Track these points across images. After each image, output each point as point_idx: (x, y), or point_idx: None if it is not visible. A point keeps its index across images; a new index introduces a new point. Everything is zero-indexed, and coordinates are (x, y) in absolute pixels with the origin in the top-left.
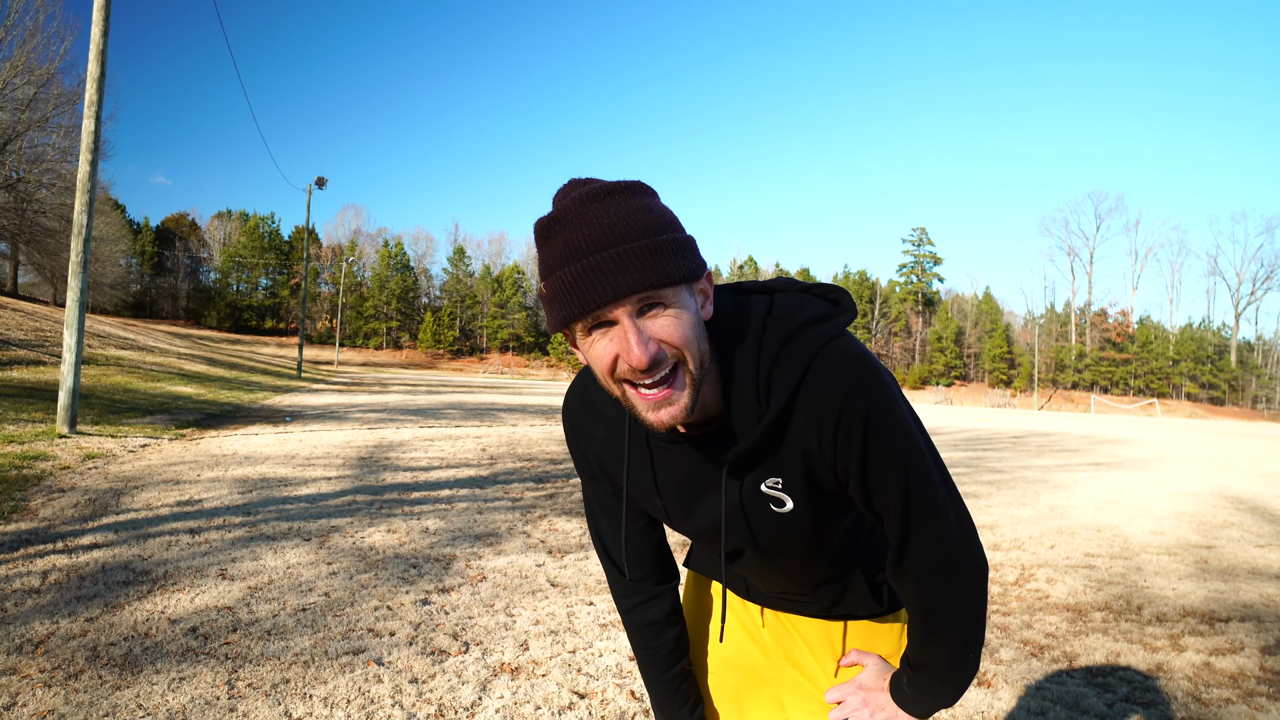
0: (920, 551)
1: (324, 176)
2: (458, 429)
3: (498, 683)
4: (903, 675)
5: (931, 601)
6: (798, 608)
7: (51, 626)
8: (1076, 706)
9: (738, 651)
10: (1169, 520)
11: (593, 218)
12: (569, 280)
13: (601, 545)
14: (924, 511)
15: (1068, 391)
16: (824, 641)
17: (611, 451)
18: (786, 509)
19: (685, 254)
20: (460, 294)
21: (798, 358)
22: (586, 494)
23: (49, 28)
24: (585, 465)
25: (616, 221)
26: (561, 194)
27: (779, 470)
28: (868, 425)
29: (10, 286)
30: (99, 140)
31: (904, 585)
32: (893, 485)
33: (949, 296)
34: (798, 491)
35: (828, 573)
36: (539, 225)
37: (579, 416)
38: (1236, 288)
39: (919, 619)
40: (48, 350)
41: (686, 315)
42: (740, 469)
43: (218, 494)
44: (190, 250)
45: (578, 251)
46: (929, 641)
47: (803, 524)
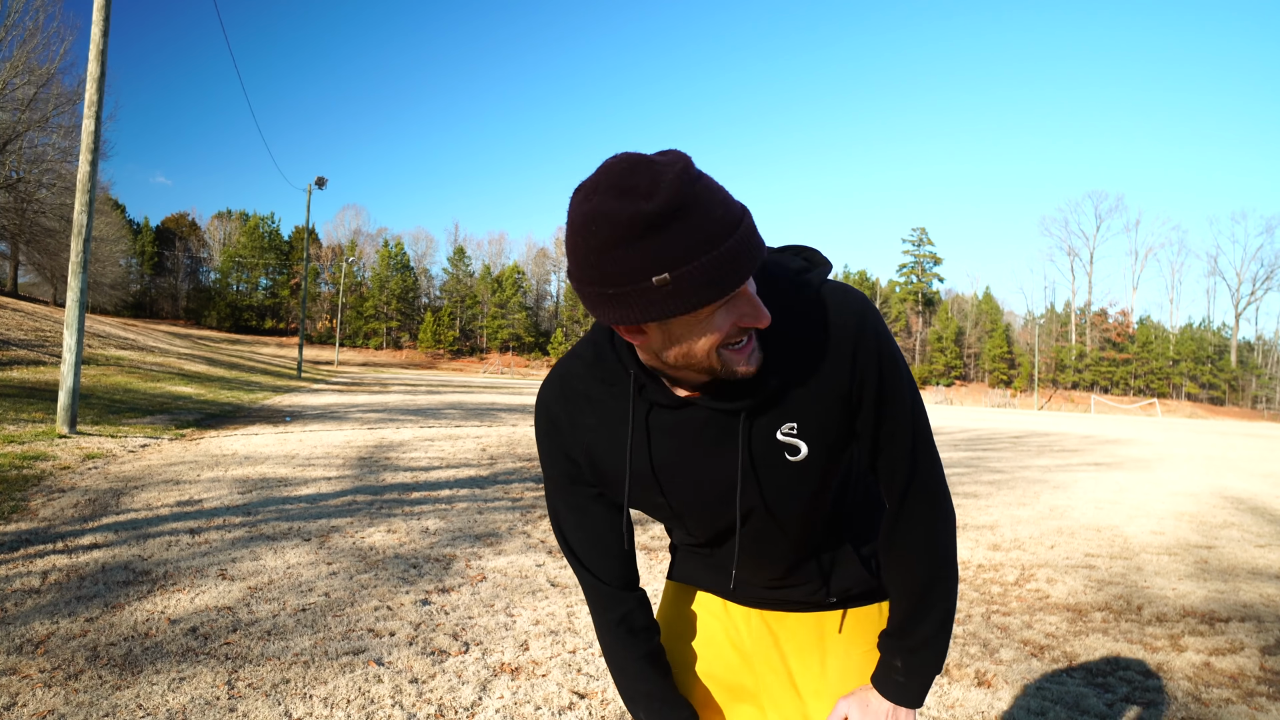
0: (924, 482)
1: (324, 176)
2: (458, 429)
3: (498, 683)
4: (892, 662)
5: (932, 539)
6: (788, 594)
7: (51, 626)
8: (1076, 706)
9: (720, 663)
10: (1169, 520)
11: (706, 197)
12: (719, 263)
13: (575, 554)
14: (926, 439)
15: (1068, 391)
16: (811, 637)
17: (602, 438)
18: (800, 456)
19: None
20: (460, 294)
21: (799, 304)
22: (557, 502)
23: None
24: (565, 465)
25: (725, 198)
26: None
27: (794, 414)
28: (880, 349)
29: (10, 286)
30: (99, 140)
31: (906, 522)
32: (901, 411)
33: (949, 296)
34: (812, 435)
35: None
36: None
37: (561, 409)
38: (1236, 288)
39: (914, 570)
40: (48, 350)
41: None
42: (754, 415)
43: (218, 494)
44: (190, 250)
45: (718, 235)
46: (924, 595)
47: (813, 472)
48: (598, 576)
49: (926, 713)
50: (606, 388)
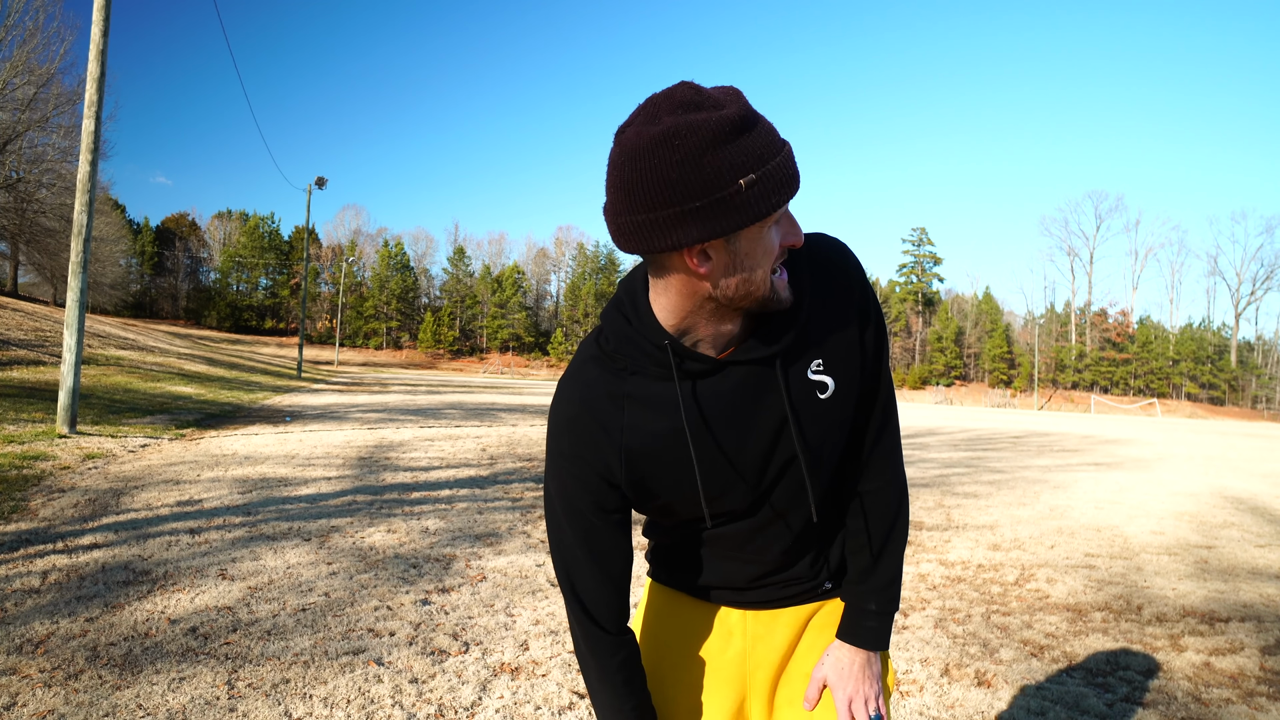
0: (893, 412)
1: (324, 176)
2: (458, 429)
3: (498, 683)
4: (865, 606)
5: (898, 474)
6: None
7: (51, 626)
8: (1076, 706)
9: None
10: (1169, 520)
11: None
12: (788, 163)
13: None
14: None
15: (1068, 391)
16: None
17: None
18: (829, 393)
19: None
20: (460, 294)
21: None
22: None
23: (49, 28)
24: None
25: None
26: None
27: (819, 351)
28: (866, 280)
29: (10, 286)
30: (99, 140)
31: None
32: (885, 337)
33: (949, 296)
34: (836, 369)
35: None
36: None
37: (590, 421)
38: (1236, 288)
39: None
40: (48, 350)
41: None
42: (790, 358)
43: (218, 494)
44: (190, 250)
45: (779, 140)
46: (892, 528)
47: (841, 409)
48: (598, 622)
49: (927, 713)
50: (630, 378)
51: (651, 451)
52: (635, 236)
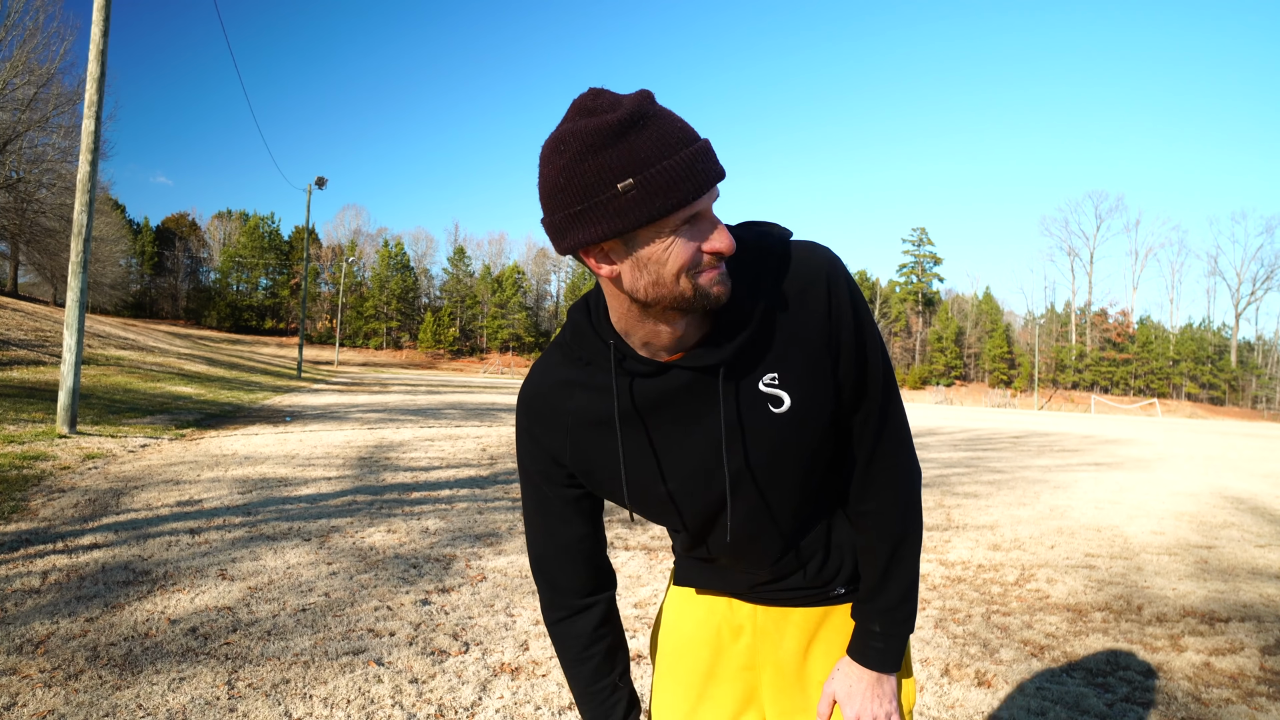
0: (895, 433)
1: (324, 176)
2: (458, 429)
3: (498, 683)
4: (870, 627)
5: (905, 490)
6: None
7: (51, 626)
8: (1076, 706)
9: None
10: (1169, 520)
11: (666, 112)
12: (680, 166)
13: (539, 554)
14: (895, 387)
15: (1068, 391)
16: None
17: (587, 420)
18: (784, 407)
19: None
20: (460, 294)
21: (773, 255)
22: (533, 500)
23: (49, 28)
24: (543, 463)
25: (685, 122)
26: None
27: (774, 365)
28: (852, 294)
29: (10, 286)
30: (99, 140)
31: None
32: (875, 356)
33: (949, 296)
34: (794, 384)
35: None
36: (611, 123)
37: (542, 402)
38: (1236, 288)
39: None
40: (48, 350)
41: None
42: (735, 370)
43: (218, 494)
44: (190, 250)
45: (681, 140)
46: (898, 548)
47: (798, 424)
48: (551, 581)
49: (927, 713)
50: (584, 368)
51: (591, 439)
52: (549, 238)
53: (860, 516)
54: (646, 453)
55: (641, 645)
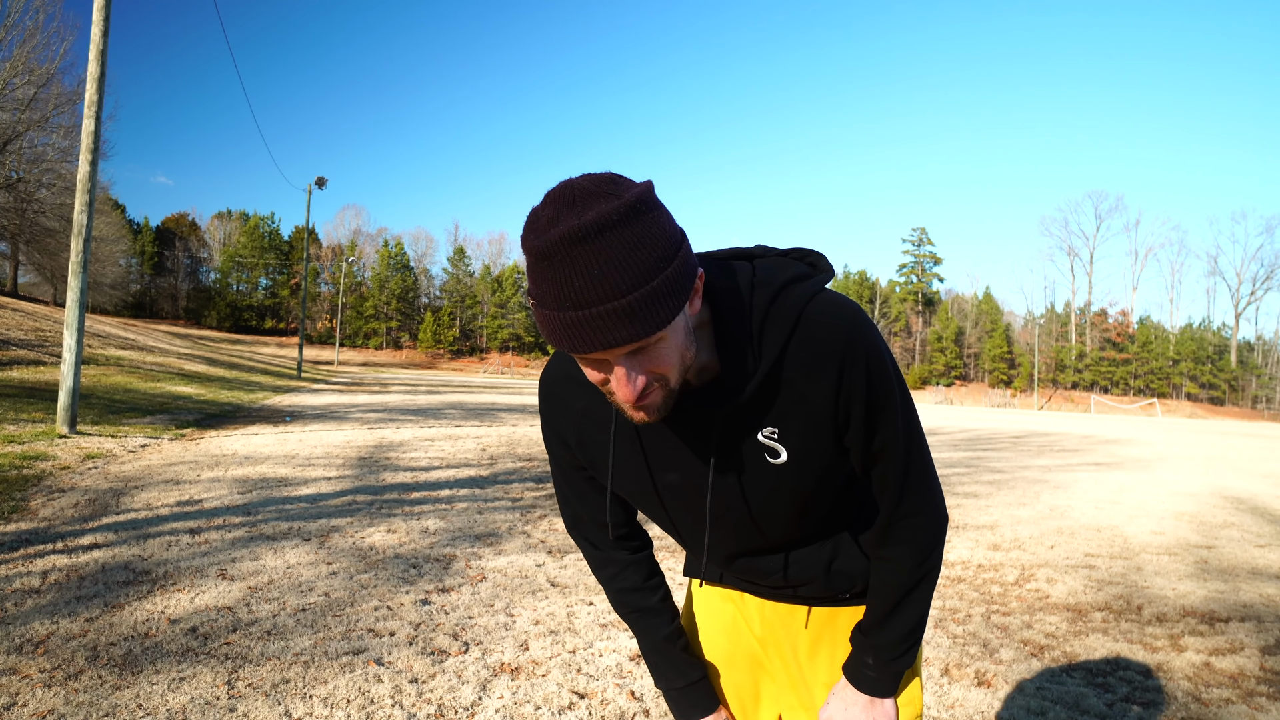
0: (916, 495)
1: (324, 176)
2: (458, 429)
3: (498, 683)
4: (864, 658)
5: (921, 549)
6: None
7: (51, 626)
8: (1076, 706)
9: (738, 649)
10: (1169, 520)
11: (581, 264)
12: (559, 326)
13: (574, 521)
14: (919, 451)
15: (1068, 391)
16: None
17: (591, 422)
18: (781, 460)
19: (677, 289)
20: (460, 294)
21: (786, 313)
22: (557, 476)
23: (49, 28)
24: (557, 445)
25: (608, 271)
26: (549, 214)
27: (775, 420)
28: (869, 366)
29: (10, 286)
30: (99, 140)
31: (897, 528)
32: (891, 424)
33: (949, 296)
34: (793, 441)
35: (810, 533)
36: (525, 247)
37: (557, 388)
38: (1236, 288)
39: (899, 576)
40: (48, 350)
41: (676, 339)
42: (734, 421)
43: (218, 494)
44: (190, 250)
45: (566, 302)
46: (904, 599)
47: (795, 476)
48: (591, 542)
49: (927, 713)
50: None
51: (592, 439)
52: None
53: (878, 560)
54: (640, 466)
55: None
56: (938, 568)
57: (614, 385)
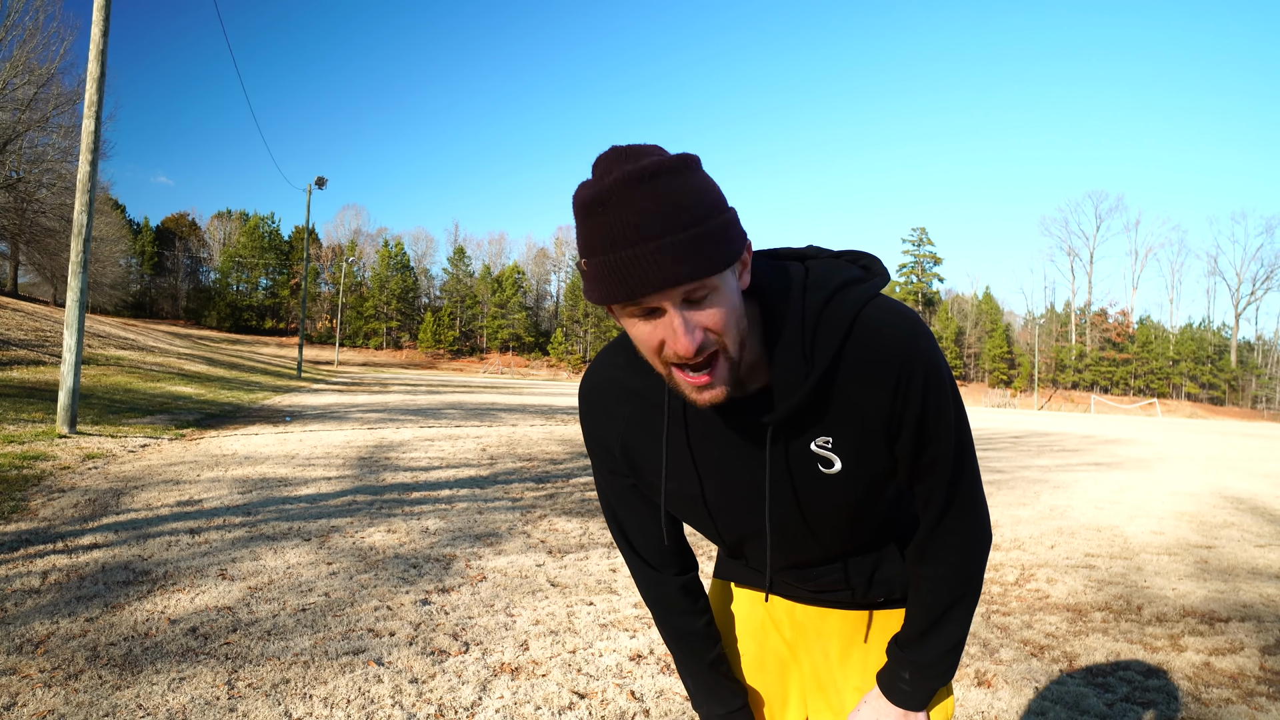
0: (962, 511)
1: (324, 176)
2: (458, 429)
3: (498, 683)
4: (899, 671)
5: (963, 566)
6: (830, 595)
7: (51, 626)
8: (1076, 706)
9: (766, 652)
10: (1169, 520)
11: (637, 203)
12: (613, 267)
13: (622, 536)
14: (969, 467)
15: (1068, 391)
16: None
17: (639, 429)
18: (834, 469)
19: (729, 237)
20: (460, 294)
21: (840, 318)
22: (602, 487)
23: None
24: (602, 455)
25: (662, 210)
26: (603, 167)
27: (829, 429)
28: (926, 376)
29: (10, 286)
30: (99, 140)
31: (939, 546)
32: (943, 439)
33: (949, 296)
34: (847, 451)
35: (864, 542)
36: (579, 200)
37: (601, 395)
38: (1236, 288)
39: (939, 592)
40: (48, 350)
41: (730, 299)
42: (786, 429)
43: (218, 494)
44: (190, 250)
45: (622, 240)
46: (944, 615)
47: (849, 485)
48: (641, 556)
49: None
50: (644, 379)
51: (639, 448)
52: None
53: (916, 577)
54: (690, 475)
55: (640, 645)
56: (978, 589)
57: (671, 342)
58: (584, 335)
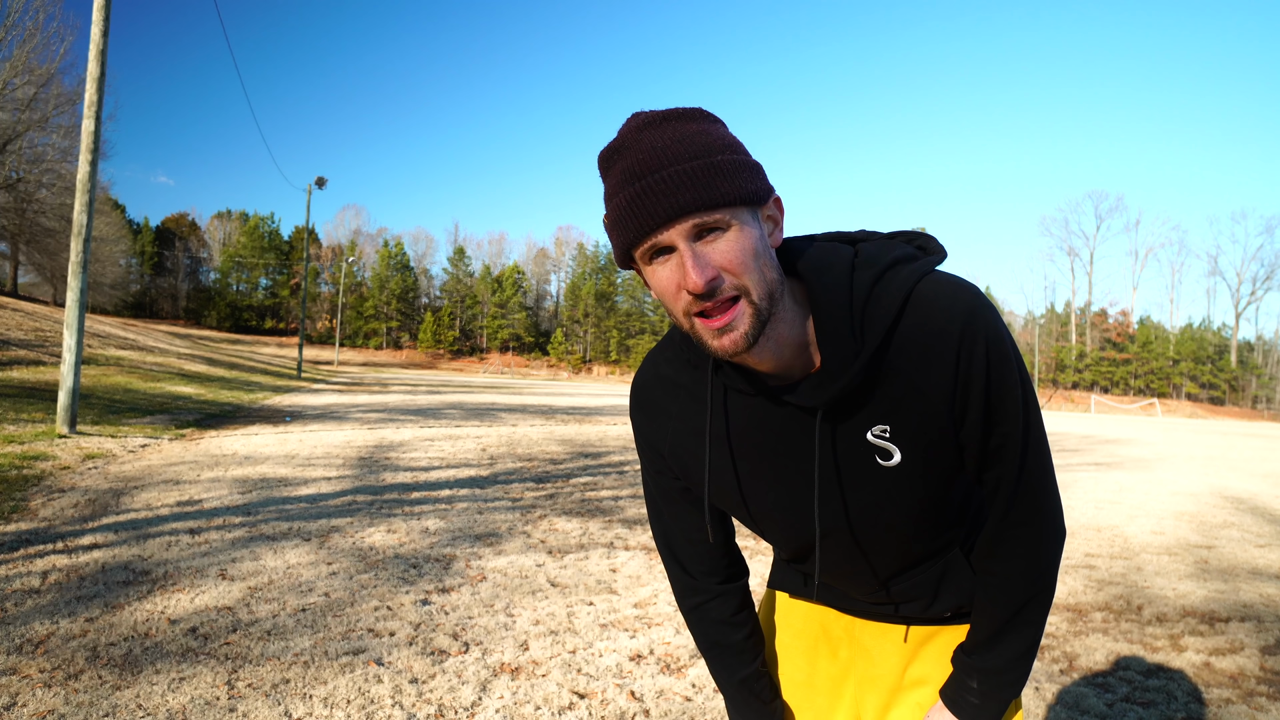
0: (1033, 498)
1: (324, 176)
2: (458, 429)
3: (498, 683)
4: (967, 681)
5: (1036, 559)
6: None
7: (51, 626)
8: (1076, 706)
9: (818, 671)
10: (1169, 520)
11: (648, 142)
12: (625, 204)
13: (664, 540)
14: (1040, 452)
15: (1068, 391)
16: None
17: (686, 426)
18: (894, 461)
19: (745, 175)
20: (460, 294)
21: (893, 293)
22: (649, 486)
23: (49, 28)
24: (651, 455)
25: (670, 144)
26: (625, 125)
27: (886, 416)
28: (989, 351)
29: (10, 286)
30: (99, 140)
31: (1010, 538)
32: (1012, 420)
33: None
34: (907, 439)
35: (929, 547)
36: (601, 157)
37: (649, 393)
38: (1236, 288)
39: (1011, 589)
40: (48, 350)
41: (748, 240)
42: (838, 415)
43: (218, 494)
44: (190, 250)
45: (632, 175)
46: (1016, 614)
47: (911, 479)
48: (681, 564)
49: None
50: (692, 371)
51: (688, 447)
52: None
53: (985, 574)
54: (733, 473)
55: (640, 645)
56: (1053, 585)
57: (682, 279)
58: (584, 335)
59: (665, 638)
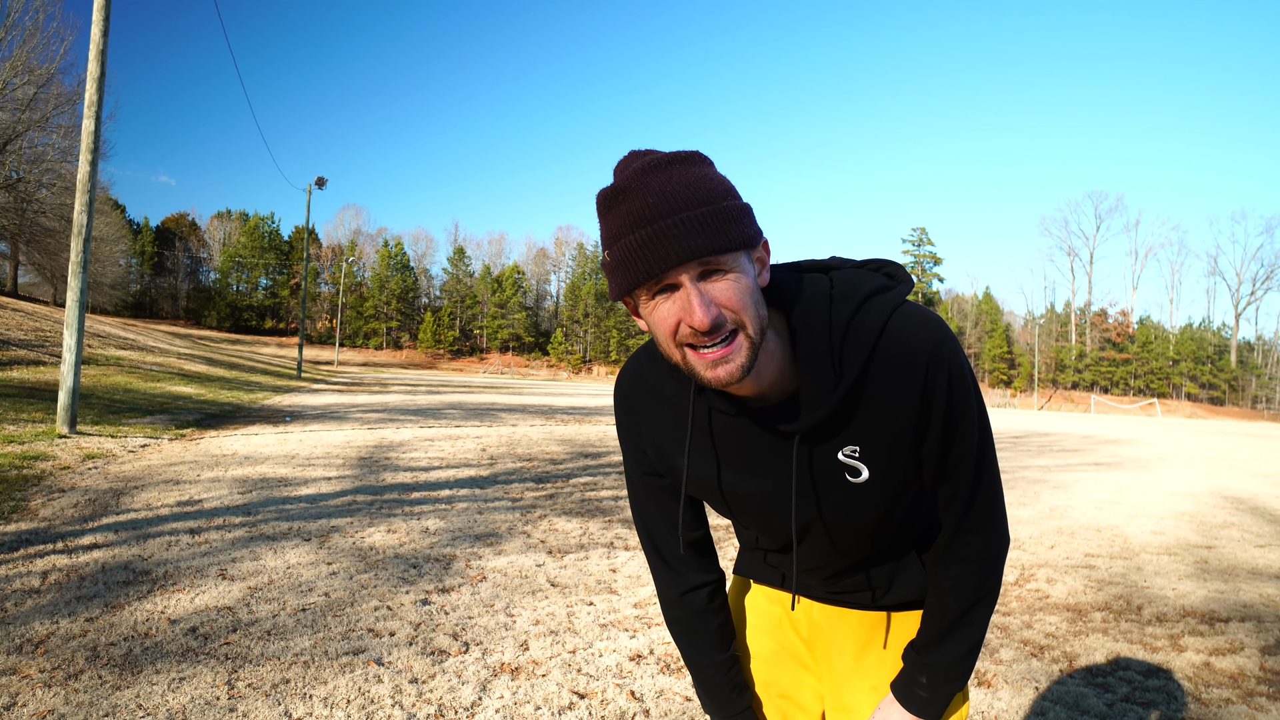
0: (982, 512)
1: (324, 176)
2: (458, 429)
3: (498, 683)
4: (917, 676)
5: (983, 568)
6: (845, 599)
7: (51, 626)
8: (1076, 706)
9: (783, 649)
10: (1169, 520)
11: (655, 186)
12: (634, 246)
13: (647, 534)
14: (989, 471)
15: (1068, 391)
16: (867, 633)
17: (669, 433)
18: (862, 478)
19: (744, 221)
20: (460, 294)
21: (869, 325)
22: (634, 482)
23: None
24: (636, 454)
25: (678, 189)
26: (623, 165)
27: (856, 438)
28: (951, 378)
29: (10, 286)
30: (99, 140)
31: (961, 546)
32: (967, 442)
33: (949, 296)
34: (875, 459)
35: (887, 548)
36: (601, 196)
37: (634, 398)
38: (1236, 288)
39: (958, 593)
40: (48, 350)
41: (745, 281)
42: (814, 438)
43: (218, 494)
44: (190, 250)
45: (641, 219)
46: (961, 617)
47: (876, 493)
48: (663, 557)
49: None
50: (676, 385)
51: (669, 452)
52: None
53: (937, 578)
54: (715, 486)
55: (640, 645)
56: (997, 589)
57: (687, 316)
58: (584, 335)
59: (665, 638)
